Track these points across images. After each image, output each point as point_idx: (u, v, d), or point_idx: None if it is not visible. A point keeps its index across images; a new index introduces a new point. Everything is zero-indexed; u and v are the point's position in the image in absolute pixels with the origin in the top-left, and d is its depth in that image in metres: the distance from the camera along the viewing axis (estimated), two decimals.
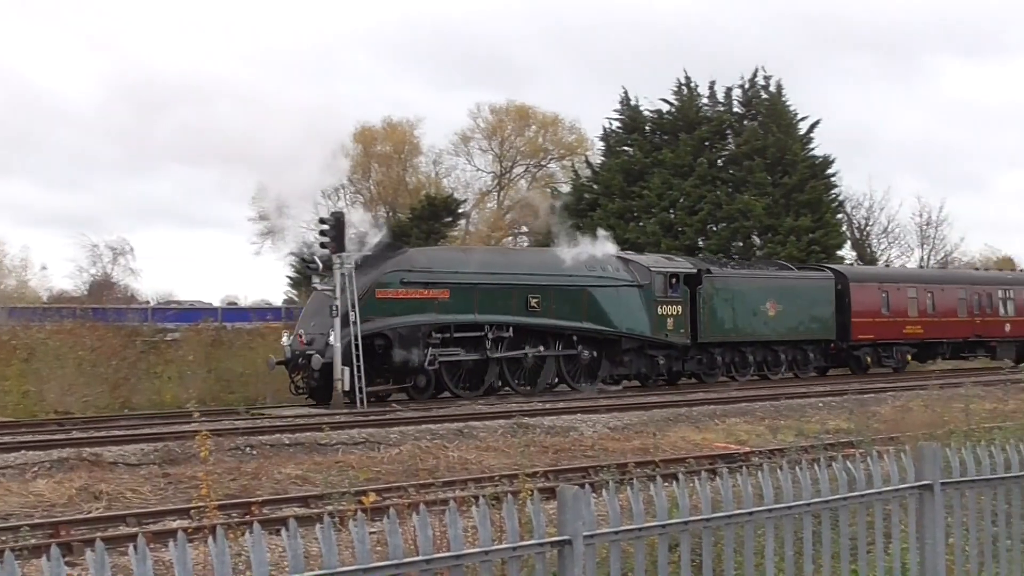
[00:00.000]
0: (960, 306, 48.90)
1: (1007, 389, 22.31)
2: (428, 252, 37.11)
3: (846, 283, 44.90)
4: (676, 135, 65.15)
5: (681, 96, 66.25)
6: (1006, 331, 50.47)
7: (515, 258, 37.81)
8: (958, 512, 7.73)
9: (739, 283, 41.26)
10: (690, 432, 24.45)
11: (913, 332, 46.83)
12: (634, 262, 39.04)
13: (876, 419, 24.36)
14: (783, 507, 6.66)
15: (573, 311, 36.04)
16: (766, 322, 41.57)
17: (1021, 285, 52.68)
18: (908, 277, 51.16)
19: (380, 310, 32.15)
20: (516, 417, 25.53)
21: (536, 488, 11.01)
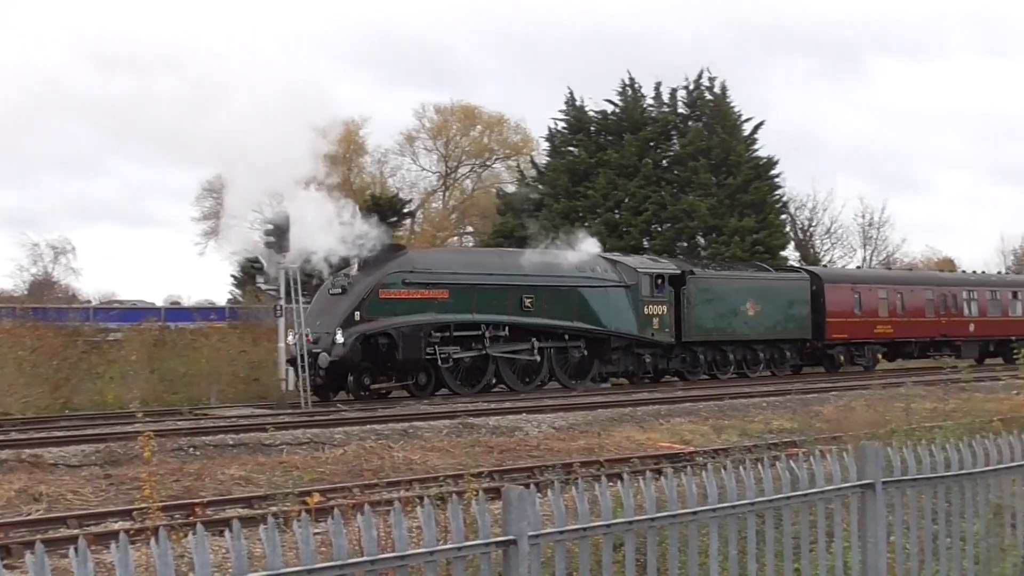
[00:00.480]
0: (928, 307, 50.48)
1: (947, 389, 22.50)
2: (428, 254, 39.07)
3: (821, 284, 46.22)
4: (621, 136, 65.34)
5: (626, 97, 66.44)
6: (970, 331, 51.98)
7: (510, 259, 38.48)
8: (899, 511, 7.80)
9: (721, 284, 42.56)
10: (635, 432, 24.51)
11: (884, 332, 48.28)
12: (621, 263, 40.28)
13: (819, 419, 24.54)
14: (727, 506, 6.69)
15: (565, 311, 37.33)
16: (746, 322, 42.85)
17: (984, 286, 54.22)
18: (879, 278, 52.43)
19: (384, 310, 33.13)
20: (461, 417, 25.53)
21: (481, 488, 11.01)
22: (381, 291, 33.25)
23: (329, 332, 32.07)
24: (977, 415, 16.68)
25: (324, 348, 31.78)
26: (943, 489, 8.08)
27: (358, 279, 33.54)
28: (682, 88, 67.19)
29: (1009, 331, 52.93)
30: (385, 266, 33.77)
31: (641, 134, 64.70)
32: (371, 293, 33.04)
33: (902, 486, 7.77)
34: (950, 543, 8.10)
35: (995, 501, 8.52)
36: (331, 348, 31.73)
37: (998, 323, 53.52)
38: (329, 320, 32.55)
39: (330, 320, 32.49)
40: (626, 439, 23.44)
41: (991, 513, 8.45)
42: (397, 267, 34.00)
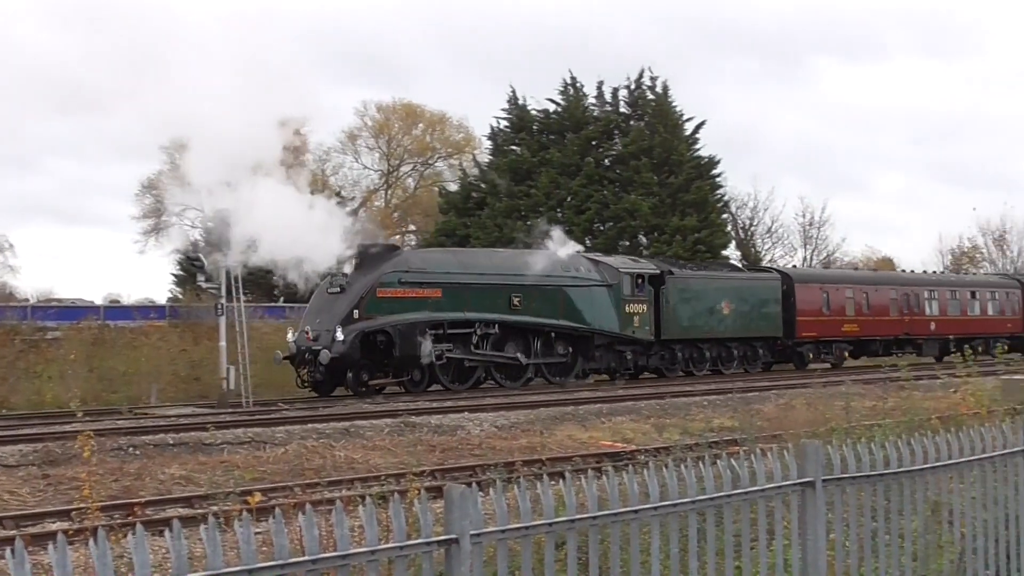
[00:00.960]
0: (892, 306, 52.17)
1: (886, 387, 22.74)
2: (422, 254, 40.22)
3: (791, 284, 47.78)
4: (563, 135, 65.52)
5: (568, 96, 66.63)
6: (931, 329, 53.60)
7: (499, 259, 39.76)
8: (839, 508, 7.85)
9: (697, 284, 44.00)
10: (577, 431, 24.56)
11: (850, 330, 49.96)
12: (604, 263, 41.64)
13: (760, 417, 24.68)
14: (668, 505, 6.71)
15: (551, 309, 38.57)
16: (721, 320, 44.27)
17: (944, 286, 56.26)
18: (846, 278, 54.02)
19: (381, 308, 34.24)
20: (403, 416, 25.48)
21: (423, 487, 10.99)
22: (379, 290, 34.31)
23: (329, 330, 33.04)
24: (915, 413, 16.83)
25: (324, 345, 32.72)
26: (882, 487, 8.14)
27: (356, 278, 34.52)
28: (623, 87, 67.49)
29: (967, 329, 54.89)
30: (382, 266, 34.85)
31: (583, 133, 64.92)
32: (369, 292, 34.09)
33: (842, 484, 7.83)
34: (889, 540, 8.16)
35: (933, 498, 8.60)
36: (331, 345, 32.62)
37: (957, 322, 55.12)
38: (329, 318, 33.59)
39: (330, 318, 33.53)
40: (568, 438, 23.48)
41: (929, 510, 8.53)
42: (393, 267, 35.13)
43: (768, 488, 7.32)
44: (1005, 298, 58.35)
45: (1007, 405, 17.63)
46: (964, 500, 8.84)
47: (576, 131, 65.19)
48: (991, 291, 58.34)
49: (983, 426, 9.40)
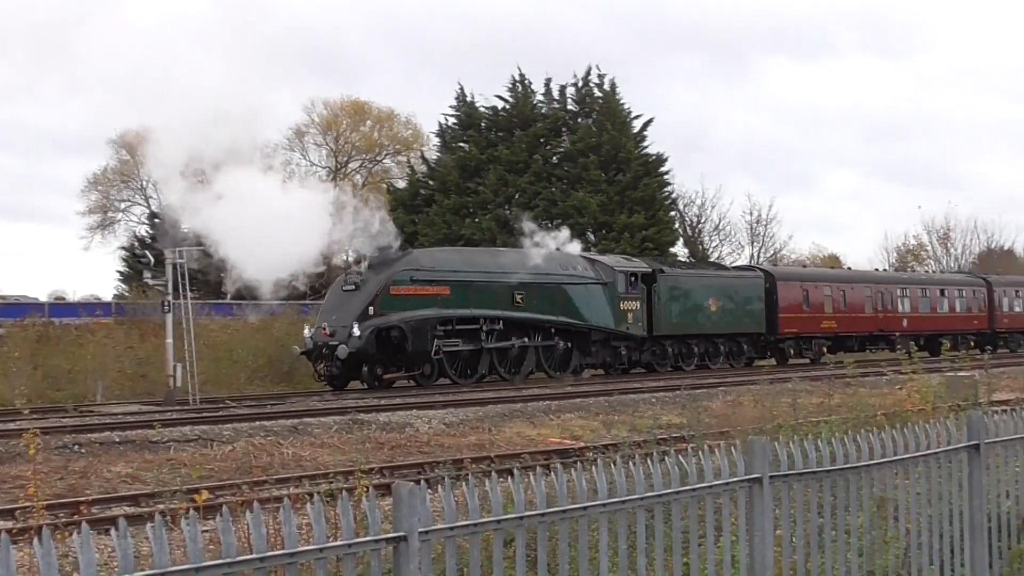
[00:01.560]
0: (867, 303, 54.34)
1: (832, 384, 22.88)
2: (431, 253, 41.27)
3: (774, 282, 49.67)
4: (511, 132, 65.56)
5: (516, 93, 66.67)
6: (904, 326, 55.55)
7: (502, 258, 41.32)
8: (786, 504, 7.89)
9: (687, 282, 45.85)
10: (526, 428, 24.60)
11: (829, 327, 51.81)
12: (599, 262, 43.54)
13: (708, 414, 24.79)
14: (617, 501, 6.72)
15: (551, 306, 40.22)
16: (708, 317, 46.09)
17: (915, 284, 58.88)
18: (825, 277, 55.92)
19: (395, 305, 35.79)
20: (352, 413, 25.42)
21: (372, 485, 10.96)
22: (392, 288, 35.89)
23: (345, 326, 34.56)
24: (861, 410, 16.97)
25: (341, 340, 34.23)
26: (828, 483, 8.20)
27: (370, 276, 36.03)
28: (571, 85, 67.59)
29: (937, 326, 57.14)
30: (395, 264, 36.57)
31: (531, 130, 64.99)
32: (383, 290, 35.67)
33: (789, 480, 7.87)
34: (835, 536, 8.21)
35: (878, 494, 8.67)
36: (348, 340, 34.10)
37: (928, 319, 57.52)
38: (345, 314, 35.17)
39: (346, 314, 35.11)
40: (517, 435, 23.51)
41: (874, 506, 8.59)
42: (405, 265, 36.86)
43: (716, 484, 7.35)
44: (972, 296, 60.63)
45: (951, 402, 17.80)
46: (909, 496, 8.92)
47: (524, 128, 65.25)
48: (959, 289, 60.48)
49: (928, 422, 9.49)
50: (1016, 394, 23.50)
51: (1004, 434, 10.04)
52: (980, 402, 17.97)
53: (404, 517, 5.62)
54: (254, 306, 47.85)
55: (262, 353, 41.30)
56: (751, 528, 7.55)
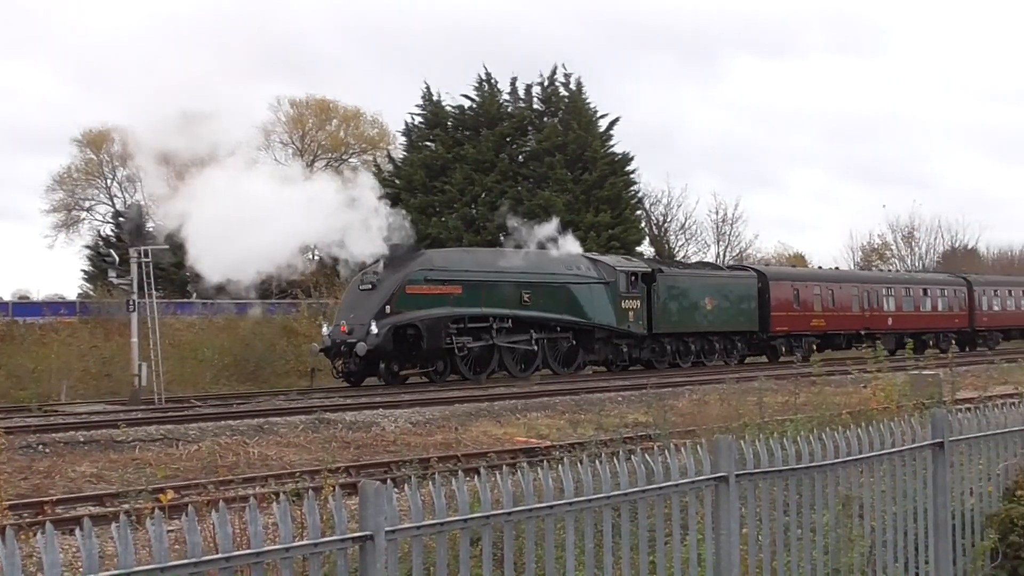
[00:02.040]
0: (854, 302, 56.01)
1: (798, 383, 22.99)
2: (443, 253, 42.53)
3: (766, 281, 51.24)
4: (478, 131, 65.55)
5: (482, 92, 66.66)
6: (889, 324, 57.33)
7: (510, 258, 42.13)
8: (752, 503, 7.91)
9: (684, 281, 47.44)
10: (492, 427, 24.60)
11: (818, 325, 53.47)
12: (601, 262, 45.01)
13: (674, 412, 24.86)
14: (583, 500, 6.72)
15: (557, 305, 41.79)
16: (705, 315, 47.73)
17: (900, 284, 60.45)
18: (814, 276, 57.76)
19: (410, 304, 37.19)
20: (318, 413, 25.36)
21: (338, 484, 10.95)
22: (408, 287, 37.22)
23: (364, 324, 35.77)
24: (827, 408, 17.03)
25: (359, 338, 35.46)
26: (794, 481, 8.22)
27: (386, 276, 37.32)
28: (537, 84, 67.61)
29: (920, 324, 59.08)
30: (409, 264, 37.90)
31: (497, 129, 65.00)
32: (399, 289, 37.00)
33: (754, 479, 7.89)
34: (801, 534, 8.24)
35: (844, 492, 8.69)
36: (367, 338, 35.30)
37: (912, 317, 59.36)
38: (363, 313, 36.40)
39: (364, 313, 36.32)
40: (483, 434, 23.51)
41: (840, 504, 8.62)
42: (419, 265, 38.19)
43: (682, 483, 7.36)
44: (953, 295, 62.49)
45: (916, 400, 17.89)
46: (874, 494, 8.96)
47: (490, 127, 65.25)
48: (941, 288, 62.29)
49: (892, 421, 9.53)
50: (980, 392, 23.62)
51: (968, 432, 10.10)
52: (944, 400, 18.05)
53: (370, 516, 5.61)
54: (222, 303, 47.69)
55: (228, 352, 41.20)
56: (717, 526, 7.57)
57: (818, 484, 8.42)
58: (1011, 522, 10.05)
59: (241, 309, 47.85)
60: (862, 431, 8.89)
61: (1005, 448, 10.66)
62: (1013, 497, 10.38)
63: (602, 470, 6.88)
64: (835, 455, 8.55)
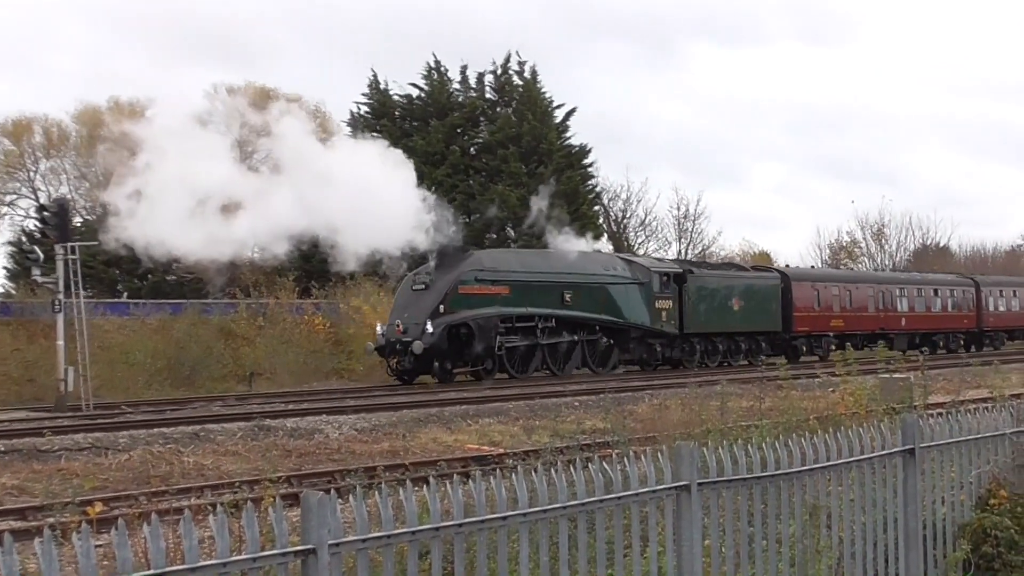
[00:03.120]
0: (870, 303, 59.17)
1: (763, 387, 23.07)
2: (491, 253, 45.25)
3: (788, 282, 54.28)
4: (427, 121, 65.45)
5: (432, 81, 66.55)
6: (902, 324, 60.62)
7: (552, 259, 45.40)
8: (715, 513, 7.95)
9: (713, 282, 50.42)
10: (442, 433, 24.58)
11: (837, 325, 56.39)
12: (636, 262, 48.38)
13: (633, 418, 24.93)
14: (538, 511, 6.74)
15: (595, 305, 44.53)
16: (732, 316, 50.60)
17: (912, 284, 63.26)
18: (833, 277, 61.84)
19: (463, 304, 40.01)
20: (257, 419, 25.28)
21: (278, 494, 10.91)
22: (460, 287, 39.97)
23: (418, 323, 38.53)
24: (793, 414, 17.10)
25: (415, 337, 38.19)
26: (759, 490, 8.27)
27: (438, 276, 40.17)
28: (490, 73, 67.57)
29: (932, 325, 62.94)
30: (461, 264, 40.71)
31: (448, 120, 64.92)
32: (452, 289, 39.77)
33: (717, 487, 7.93)
34: (766, 545, 8.29)
35: (810, 501, 8.75)
36: (422, 336, 38.03)
37: (924, 317, 62.69)
38: (417, 312, 39.17)
39: (418, 312, 39.11)
40: (432, 441, 23.50)
41: (807, 514, 8.68)
42: (470, 265, 40.99)
43: (642, 492, 7.39)
44: (962, 296, 65.71)
45: (886, 405, 18.00)
46: (842, 503, 9.02)
47: (440, 117, 65.18)
48: (950, 289, 65.44)
49: (861, 426, 9.60)
50: (952, 397, 23.83)
51: (940, 438, 10.18)
52: (915, 405, 18.19)
53: (313, 528, 5.60)
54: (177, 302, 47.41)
55: (161, 355, 40.97)
56: (679, 538, 7.60)
57: (784, 493, 8.47)
58: (984, 532, 10.15)
59: (175, 309, 47.60)
60: (830, 437, 8.95)
61: (978, 455, 10.76)
62: (986, 506, 10.48)
63: (558, 479, 6.89)
64: (802, 462, 8.61)
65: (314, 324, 47.55)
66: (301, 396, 34.53)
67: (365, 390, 36.60)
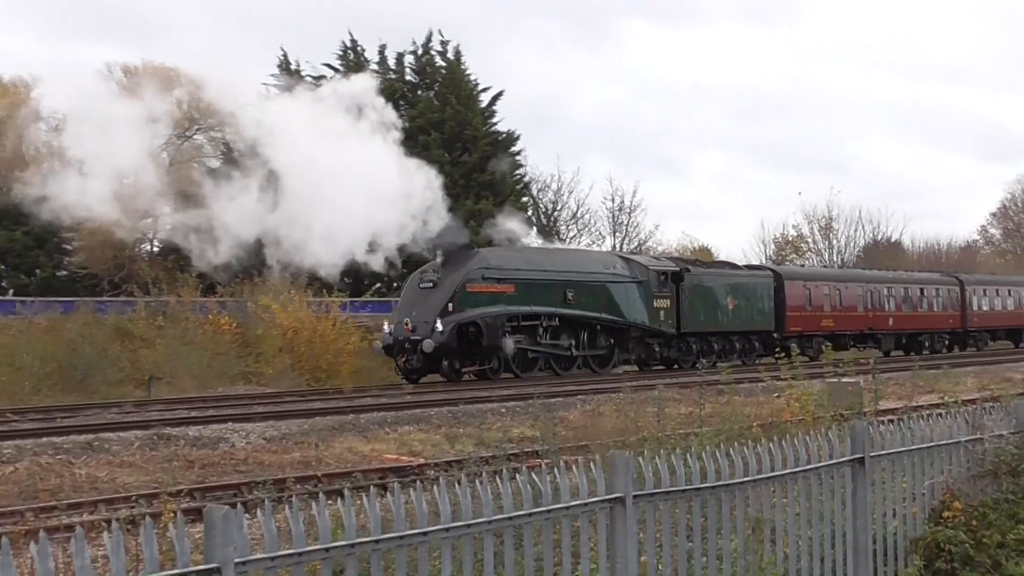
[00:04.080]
0: (859, 302, 61.61)
1: (703, 392, 23.19)
2: (496, 251, 46.48)
3: (781, 281, 56.63)
4: None
5: (347, 61, 66.36)
6: (890, 324, 63.38)
7: (555, 257, 47.92)
8: (651, 527, 7.98)
9: (709, 280, 52.57)
10: (358, 443, 24.52)
11: (827, 325, 58.64)
12: (634, 261, 50.48)
13: (564, 425, 24.97)
14: (462, 525, 6.74)
15: (596, 304, 46.46)
16: (727, 315, 52.85)
17: (899, 283, 65.69)
18: (824, 276, 64.25)
19: (472, 302, 41.77)
20: (157, 427, 25.08)
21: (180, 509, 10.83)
22: (468, 285, 41.81)
23: (428, 321, 40.36)
24: (735, 421, 17.22)
25: (424, 335, 40.07)
26: (698, 502, 8.31)
27: (446, 274, 41.90)
28: (410, 53, 67.47)
29: (918, 325, 65.58)
30: (468, 262, 42.52)
31: None
32: (461, 287, 41.57)
33: (654, 500, 7.96)
34: (706, 562, 8.33)
35: (754, 515, 8.80)
36: (432, 335, 39.86)
37: (911, 317, 65.26)
38: (426, 310, 40.98)
39: (427, 310, 40.90)
40: (348, 451, 23.43)
41: (749, 528, 8.73)
42: (477, 263, 42.74)
43: (573, 505, 7.40)
44: (947, 295, 68.35)
45: (833, 411, 18.17)
46: (787, 516, 9.09)
47: None
48: (936, 288, 68.09)
49: (808, 434, 9.67)
50: (904, 402, 24.08)
51: (891, 447, 10.28)
52: (865, 411, 18.38)
53: (218, 546, 5.57)
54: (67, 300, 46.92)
55: (51, 358, 40.52)
56: (612, 554, 7.62)
57: (725, 505, 8.52)
58: (937, 547, 10.24)
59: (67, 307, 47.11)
60: (774, 446, 9.02)
61: (931, 464, 10.87)
62: (940, 519, 10.57)
63: (483, 491, 6.90)
64: (744, 473, 8.66)
65: (220, 324, 47.16)
66: (205, 402, 34.27)
67: (275, 396, 36.38)
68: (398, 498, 6.51)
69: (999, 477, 11.31)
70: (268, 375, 44.24)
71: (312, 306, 47.28)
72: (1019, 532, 10.47)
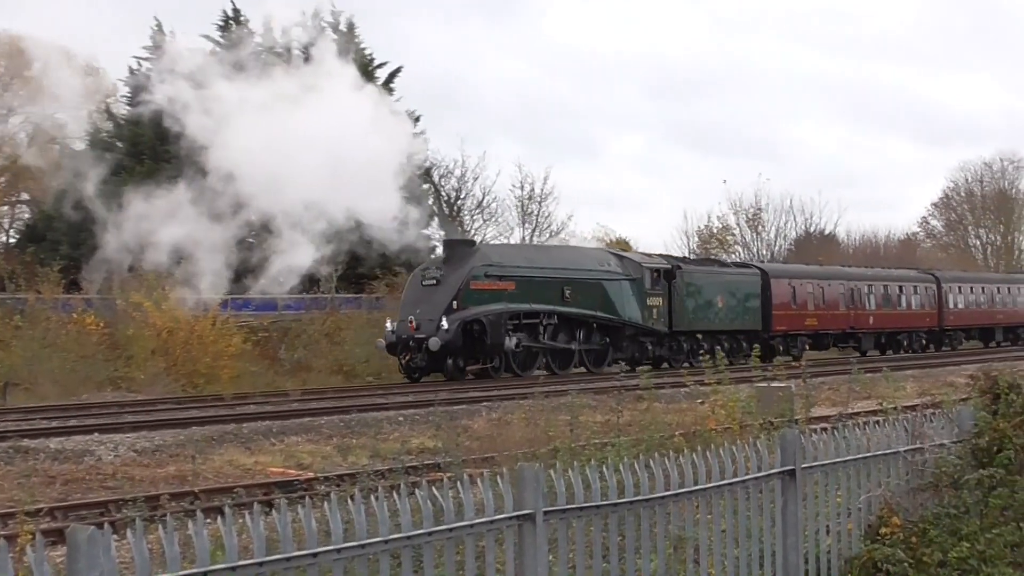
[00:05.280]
0: (841, 300, 64.90)
1: (620, 398, 23.27)
2: (496, 248, 51.23)
3: (767, 279, 59.75)
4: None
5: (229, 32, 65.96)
6: (870, 323, 67.01)
7: (553, 254, 51.93)
8: (563, 546, 8.00)
9: (700, 278, 55.93)
10: (240, 455, 24.41)
11: (811, 324, 62.27)
12: (626, 258, 53.94)
13: (468, 435, 25.00)
14: (355, 546, 6.72)
15: (592, 302, 49.64)
16: (716, 314, 56.32)
17: (878, 281, 69.24)
18: (807, 274, 66.01)
19: (475, 300, 44.67)
20: (13, 439, 24.82)
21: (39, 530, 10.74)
22: (471, 282, 44.72)
23: (432, 319, 43.17)
24: (655, 430, 17.30)
25: (429, 333, 42.85)
26: (615, 519, 8.35)
27: (449, 271, 44.87)
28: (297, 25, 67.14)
29: (899, 323, 69.44)
30: (470, 260, 45.66)
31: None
32: (464, 284, 44.51)
33: (567, 516, 7.99)
34: None
35: (675, 532, 8.85)
36: (438, 333, 42.63)
37: (891, 316, 68.98)
38: (430, 308, 43.70)
39: (431, 308, 43.65)
40: (229, 464, 23.33)
41: (671, 547, 8.78)
42: (479, 260, 45.96)
43: (478, 523, 7.41)
44: (924, 293, 71.97)
45: (762, 418, 18.31)
46: (712, 534, 9.15)
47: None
48: (914, 286, 71.71)
49: (734, 444, 9.74)
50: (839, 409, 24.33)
51: (824, 457, 10.38)
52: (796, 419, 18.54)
53: (82, 571, 5.52)
54: None
55: None
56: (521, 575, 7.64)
57: (644, 522, 8.56)
58: (874, 566, 10.34)
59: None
60: (698, 457, 9.07)
61: (868, 476, 10.97)
62: (877, 536, 10.67)
63: (379, 508, 6.89)
64: (665, 487, 8.71)
65: (85, 324, 46.67)
66: (68, 411, 33.95)
67: (147, 403, 36.10)
68: (285, 516, 6.49)
69: (940, 490, 11.41)
70: (140, 380, 43.86)
71: (189, 304, 46.67)
72: (961, 550, 10.58)
